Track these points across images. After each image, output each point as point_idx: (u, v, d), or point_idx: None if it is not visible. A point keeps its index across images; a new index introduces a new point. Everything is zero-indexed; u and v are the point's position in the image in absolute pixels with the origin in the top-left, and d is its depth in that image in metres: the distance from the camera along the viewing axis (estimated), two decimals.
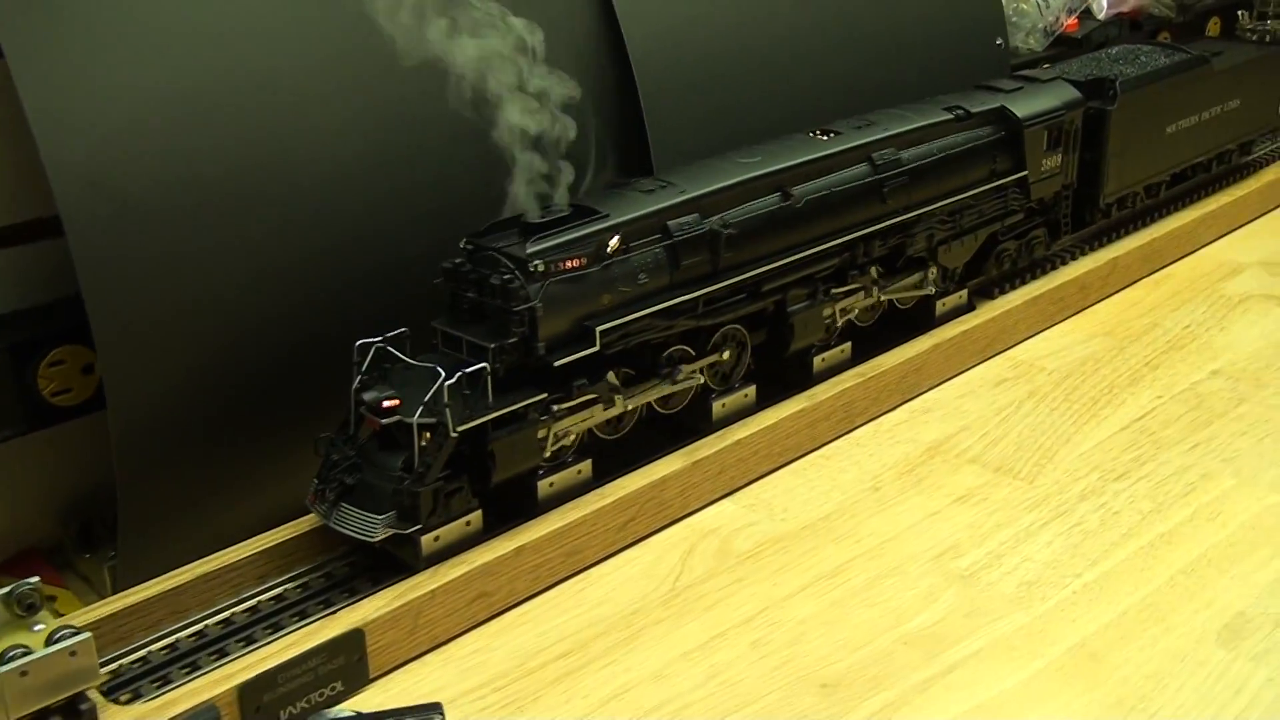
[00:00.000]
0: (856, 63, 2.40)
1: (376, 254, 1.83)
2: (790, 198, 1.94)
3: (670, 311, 1.80)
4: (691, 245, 1.82)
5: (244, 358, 1.73)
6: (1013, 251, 2.39)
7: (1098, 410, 2.15)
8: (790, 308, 1.98)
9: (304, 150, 1.75)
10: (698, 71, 2.17)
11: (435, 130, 1.86)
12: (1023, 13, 2.86)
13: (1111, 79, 2.47)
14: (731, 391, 1.96)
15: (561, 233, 1.70)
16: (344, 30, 1.77)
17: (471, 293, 1.69)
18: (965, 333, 2.27)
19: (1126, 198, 2.62)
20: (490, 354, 1.63)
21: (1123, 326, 2.45)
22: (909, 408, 2.18)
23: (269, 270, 1.73)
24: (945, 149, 2.18)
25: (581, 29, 2.07)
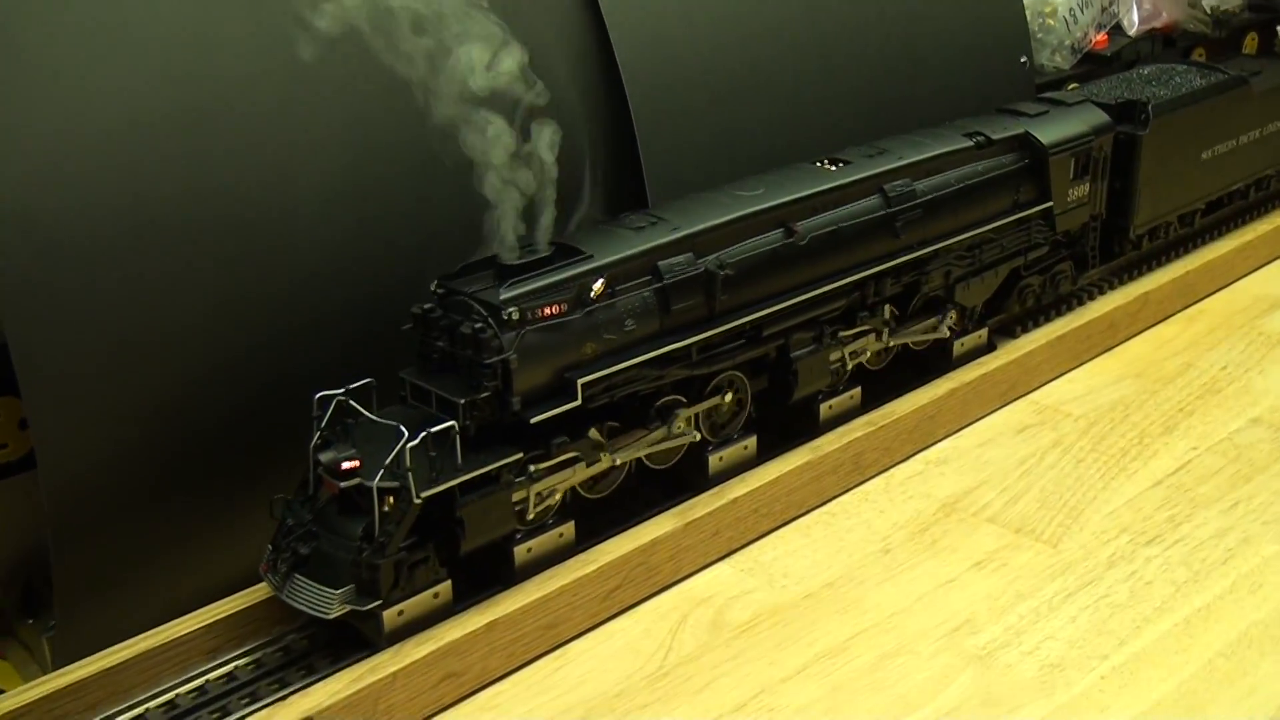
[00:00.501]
0: (870, 84, 2.25)
1: (342, 294, 1.68)
2: (794, 234, 1.79)
3: (661, 360, 1.65)
4: (684, 288, 1.67)
5: (193, 408, 1.59)
6: (1036, 288, 2.23)
7: (1127, 463, 1.99)
8: (794, 353, 1.83)
9: (261, 178, 1.61)
10: (697, 95, 2.02)
11: (409, 158, 1.71)
12: (1049, 28, 2.71)
13: (1143, 102, 2.31)
14: (729, 444, 1.81)
15: (540, 275, 1.56)
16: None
17: (442, 341, 1.55)
18: (985, 375, 2.11)
19: (1158, 228, 2.46)
20: (460, 410, 1.49)
21: (1154, 367, 2.29)
22: (923, 458, 2.02)
23: (221, 311, 1.59)
24: (964, 179, 2.02)
25: (572, 50, 1.92)
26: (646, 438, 1.68)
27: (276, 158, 1.63)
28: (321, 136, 1.67)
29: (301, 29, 1.37)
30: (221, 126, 1.57)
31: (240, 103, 1.58)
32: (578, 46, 1.93)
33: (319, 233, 1.67)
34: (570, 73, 1.90)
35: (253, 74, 1.59)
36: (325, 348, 1.66)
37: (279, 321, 1.65)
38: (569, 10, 1.90)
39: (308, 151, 1.65)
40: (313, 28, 1.36)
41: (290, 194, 1.64)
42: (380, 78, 1.53)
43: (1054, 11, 2.73)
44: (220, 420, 1.60)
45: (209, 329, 1.59)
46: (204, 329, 1.58)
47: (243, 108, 1.59)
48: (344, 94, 1.67)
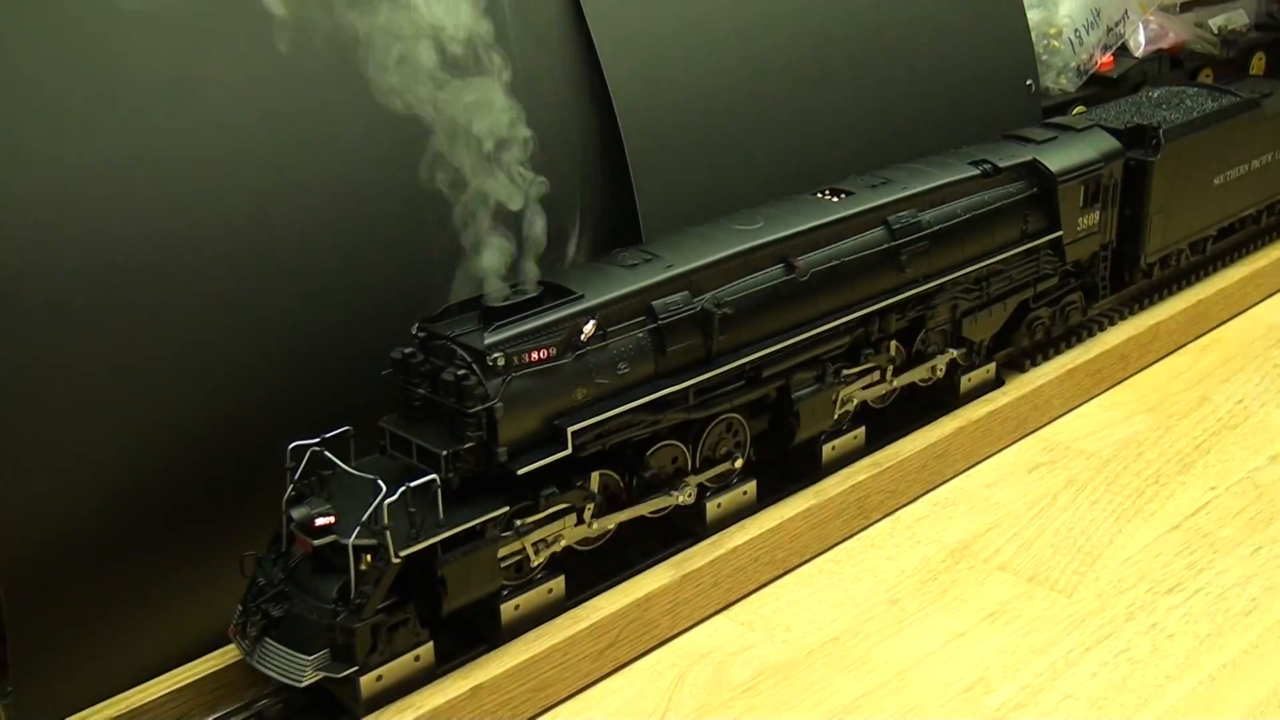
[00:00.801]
0: (873, 111, 2.16)
1: (319, 338, 1.59)
2: (795, 270, 1.71)
3: (656, 405, 1.57)
4: (680, 328, 1.58)
5: (158, 458, 1.50)
6: (1046, 320, 2.15)
7: (1144, 504, 1.90)
8: (795, 393, 1.75)
9: (235, 219, 1.52)
10: (692, 124, 1.94)
11: (390, 196, 1.63)
12: (1054, 50, 2.63)
13: (1154, 126, 2.23)
14: (728, 489, 1.72)
15: (527, 318, 1.48)
16: (278, 81, 1.54)
17: (424, 387, 1.46)
18: (994, 412, 2.03)
19: (1169, 256, 2.38)
20: (442, 462, 1.40)
21: (1168, 401, 2.21)
22: (931, 500, 1.93)
23: (188, 357, 1.50)
24: (970, 209, 1.94)
25: (563, 79, 1.83)
26: (649, 502, 1.59)
27: (251, 199, 1.54)
28: (300, 177, 1.58)
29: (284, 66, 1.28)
30: (194, 168, 1.48)
31: (214, 143, 1.49)
32: (569, 75, 1.84)
33: (296, 275, 1.59)
34: (560, 102, 1.82)
35: (228, 113, 1.51)
36: (300, 394, 1.57)
37: (251, 367, 1.56)
38: (561, 38, 1.82)
39: (286, 192, 1.56)
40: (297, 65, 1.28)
41: (266, 235, 1.55)
42: (362, 115, 1.45)
43: (1059, 33, 2.65)
44: (187, 472, 1.51)
45: (175, 376, 1.50)
46: (170, 376, 1.49)
47: (217, 148, 1.50)
48: (324, 133, 1.58)
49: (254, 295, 1.54)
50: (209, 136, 1.50)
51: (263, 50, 1.52)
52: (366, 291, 1.62)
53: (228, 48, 1.50)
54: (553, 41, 1.80)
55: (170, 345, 1.48)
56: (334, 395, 1.57)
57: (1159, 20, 2.86)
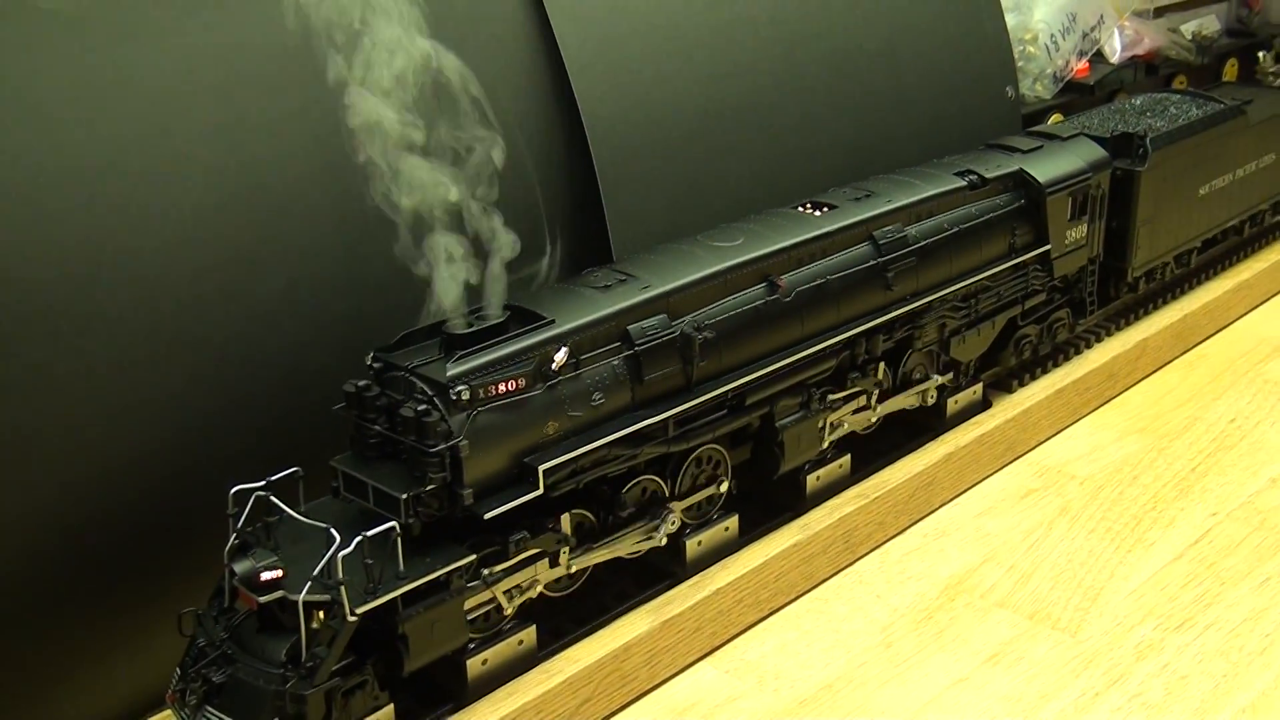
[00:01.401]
0: (851, 119, 2.06)
1: (262, 370, 1.46)
2: (778, 290, 1.59)
3: (634, 438, 1.44)
4: (658, 354, 1.46)
5: (83, 506, 1.35)
6: (1034, 338, 2.05)
7: (1143, 533, 1.80)
8: (779, 421, 1.63)
9: (160, 240, 1.38)
10: (663, 134, 1.82)
11: (337, 212, 1.50)
12: (1030, 56, 2.54)
13: (1140, 134, 2.14)
14: (708, 525, 1.60)
15: (493, 346, 1.35)
16: (217, 89, 1.40)
17: (380, 423, 1.33)
18: (982, 436, 1.92)
19: (1155, 269, 2.29)
20: (402, 506, 1.27)
21: (1159, 421, 2.11)
22: (920, 531, 1.83)
23: (119, 396, 1.36)
24: (957, 222, 1.84)
25: (527, 86, 1.71)
26: (627, 538, 1.47)
27: (184, 216, 1.40)
28: (240, 192, 1.44)
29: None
30: (118, 182, 1.34)
31: (143, 155, 1.35)
32: (534, 85, 1.72)
33: (234, 299, 1.45)
34: (524, 113, 1.69)
35: (159, 123, 1.37)
36: (242, 431, 1.43)
37: (185, 402, 1.42)
38: (525, 44, 1.70)
39: (224, 209, 1.42)
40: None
41: (200, 256, 1.41)
42: (309, 126, 1.32)
43: (1035, 38, 2.57)
44: (117, 518, 1.37)
45: (106, 419, 1.35)
46: (100, 419, 1.35)
47: (145, 160, 1.36)
48: (267, 145, 1.44)
49: (187, 322, 1.40)
50: (136, 148, 1.36)
51: (199, 54, 1.40)
52: (314, 318, 1.49)
53: (158, 51, 1.36)
54: (518, 50, 1.68)
55: (93, 380, 1.34)
56: (279, 432, 1.44)
57: (1134, 26, 2.78)
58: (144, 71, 1.35)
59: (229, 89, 1.40)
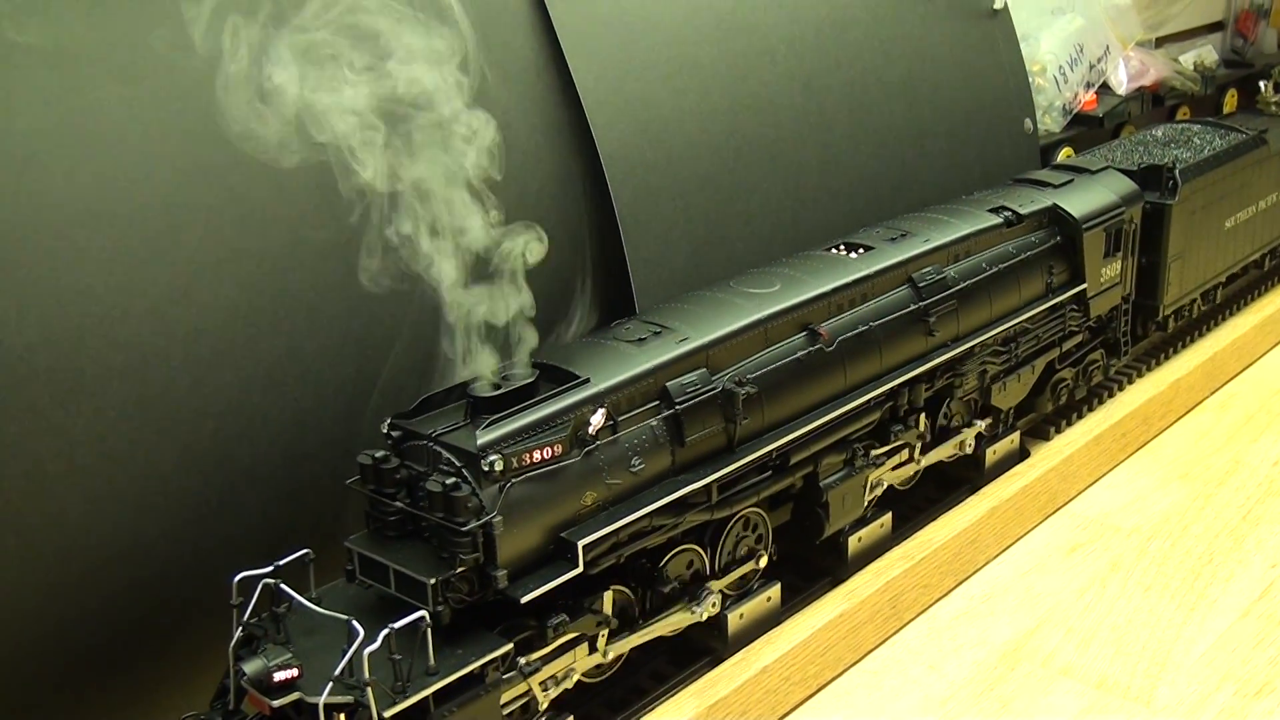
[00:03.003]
0: (871, 152, 1.95)
1: (263, 443, 1.31)
2: (820, 338, 1.47)
3: (676, 506, 1.31)
4: (699, 412, 1.34)
5: (71, 601, 1.21)
6: (1070, 381, 1.94)
7: (1203, 588, 1.69)
8: (823, 480, 1.51)
9: (154, 301, 1.24)
10: (684, 173, 1.70)
11: (346, 266, 1.36)
12: (1039, 88, 2.45)
13: (1169, 166, 2.05)
14: (750, 596, 1.47)
15: (526, 410, 1.22)
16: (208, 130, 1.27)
17: (401, 500, 1.19)
18: (1025, 489, 1.81)
19: (1183, 306, 2.20)
20: (430, 592, 1.13)
21: (1200, 467, 2.01)
22: (966, 593, 1.70)
23: (105, 477, 1.21)
24: (995, 261, 1.73)
25: (540, 125, 1.59)
26: (668, 620, 1.34)
27: (173, 269, 1.26)
28: (234, 243, 1.31)
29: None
30: (100, 230, 1.20)
31: (126, 200, 1.22)
32: (548, 122, 1.60)
33: (230, 362, 1.30)
34: (539, 153, 1.57)
35: (144, 165, 1.23)
36: (242, 513, 1.28)
37: (177, 480, 1.28)
38: (539, 76, 1.58)
39: (216, 262, 1.29)
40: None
41: (192, 314, 1.27)
42: (311, 170, 1.19)
43: (1043, 70, 2.48)
44: (109, 616, 1.22)
45: (82, 495, 1.20)
46: (75, 495, 1.20)
47: (128, 206, 1.22)
48: (264, 190, 1.31)
49: (180, 391, 1.26)
50: (125, 194, 1.22)
51: (195, 93, 1.26)
52: (320, 383, 1.34)
53: (150, 90, 1.23)
54: (531, 82, 1.56)
55: (76, 458, 1.19)
56: (284, 511, 1.30)
57: (1139, 57, 2.71)
58: (133, 112, 1.22)
59: (224, 130, 1.27)
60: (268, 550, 1.18)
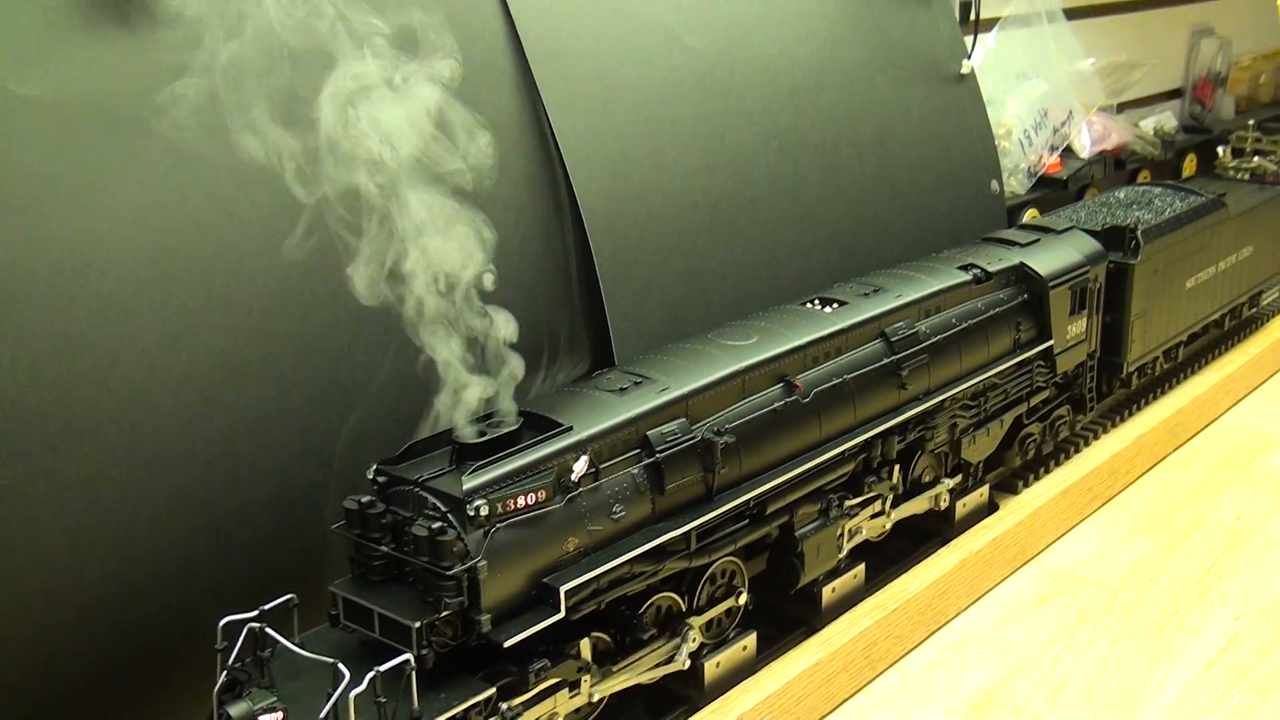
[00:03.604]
0: (843, 211, 2.00)
1: (250, 487, 1.33)
2: (795, 390, 1.51)
3: (656, 553, 1.34)
4: (679, 461, 1.36)
5: (59, 644, 1.21)
6: (1037, 436, 1.98)
7: (1169, 639, 1.72)
8: (799, 530, 1.54)
9: (145, 347, 1.26)
10: (662, 229, 1.74)
11: (332, 315, 1.39)
12: (1005, 151, 2.51)
13: (1131, 227, 2.11)
14: (725, 645, 1.49)
15: (510, 457, 1.24)
16: (204, 183, 1.30)
17: (386, 544, 1.21)
18: (994, 541, 1.84)
19: (1146, 364, 2.25)
20: (414, 635, 1.15)
21: (1164, 521, 2.05)
22: (938, 644, 1.73)
23: (94, 521, 1.23)
24: (965, 317, 1.77)
25: (521, 182, 1.62)
26: (647, 659, 1.35)
27: (167, 318, 1.28)
28: (224, 292, 1.33)
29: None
30: (95, 279, 1.22)
31: (122, 249, 1.24)
32: (529, 178, 1.63)
33: (217, 412, 1.32)
34: (520, 207, 1.60)
35: (141, 217, 1.25)
36: (228, 557, 1.30)
37: (169, 527, 1.29)
38: (522, 133, 1.61)
39: (207, 309, 1.31)
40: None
41: (182, 361, 1.29)
42: (293, 221, 1.22)
43: (1009, 133, 2.55)
44: (96, 658, 1.23)
45: (68, 540, 1.21)
46: (62, 540, 1.21)
47: (125, 256, 1.24)
48: (255, 241, 1.33)
49: (168, 435, 1.27)
50: (118, 243, 1.24)
51: (180, 145, 1.29)
52: (307, 428, 1.37)
53: (144, 142, 1.25)
54: (515, 143, 1.59)
55: (65, 503, 1.21)
56: (269, 556, 1.31)
57: (1102, 121, 2.78)
58: (126, 163, 1.24)
59: (217, 182, 1.30)
60: (253, 595, 1.19)
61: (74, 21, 1.26)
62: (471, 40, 1.61)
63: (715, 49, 1.87)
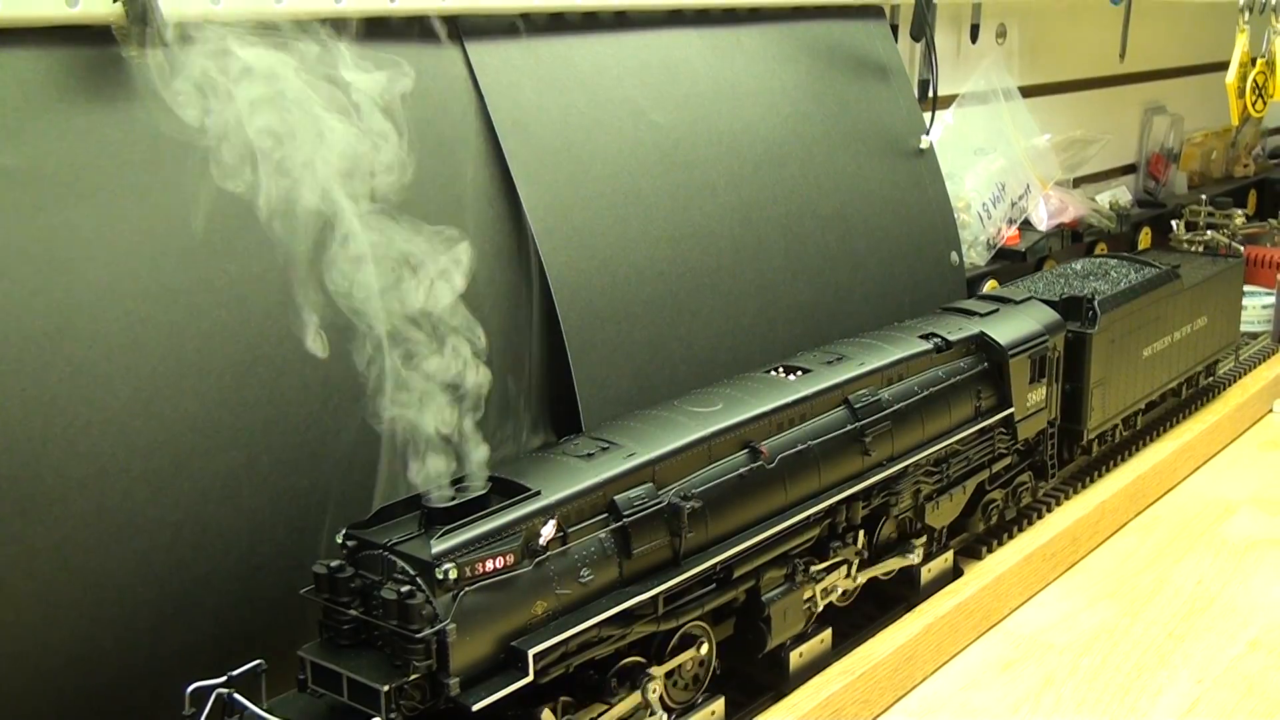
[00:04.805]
0: (806, 281, 2.04)
1: (218, 552, 1.34)
2: (760, 456, 1.53)
3: (624, 617, 1.34)
4: (646, 525, 1.38)
5: (21, 713, 1.20)
6: (1000, 502, 2.01)
7: (1133, 702, 1.73)
8: (765, 594, 1.55)
9: (115, 413, 1.27)
10: (628, 296, 1.77)
11: (301, 382, 1.40)
12: (964, 224, 2.57)
13: (1089, 298, 2.15)
14: (695, 709, 1.49)
15: (479, 521, 1.25)
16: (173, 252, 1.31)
17: (355, 608, 1.22)
18: (958, 606, 1.85)
19: (1106, 431, 2.28)
20: (384, 699, 1.15)
21: (1126, 586, 2.07)
22: (905, 708, 1.73)
23: (61, 587, 1.23)
24: (927, 385, 1.80)
25: (490, 251, 1.65)
26: (612, 714, 1.36)
27: (137, 383, 1.29)
28: (194, 359, 1.34)
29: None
30: (67, 346, 1.24)
31: (95, 318, 1.25)
32: (500, 247, 1.66)
33: (186, 478, 1.33)
34: (490, 274, 1.63)
35: (114, 284, 1.27)
36: (195, 622, 1.30)
37: (137, 592, 1.29)
38: (490, 203, 1.64)
39: (176, 374, 1.32)
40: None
41: (154, 426, 1.30)
42: (271, 289, 1.24)
43: (968, 206, 2.60)
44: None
45: (46, 609, 1.22)
46: (39, 610, 1.21)
47: (98, 323, 1.26)
48: (226, 309, 1.35)
49: (138, 501, 1.28)
50: (90, 310, 1.26)
51: (159, 214, 1.31)
52: (275, 494, 1.38)
53: (116, 211, 1.27)
54: (483, 213, 1.62)
55: (32, 569, 1.21)
56: (236, 620, 1.32)
57: (1058, 195, 2.85)
58: (100, 231, 1.26)
59: (189, 250, 1.32)
60: (221, 660, 1.20)
61: (49, 93, 1.28)
62: (442, 114, 1.64)
63: (680, 124, 1.91)
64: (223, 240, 1.32)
